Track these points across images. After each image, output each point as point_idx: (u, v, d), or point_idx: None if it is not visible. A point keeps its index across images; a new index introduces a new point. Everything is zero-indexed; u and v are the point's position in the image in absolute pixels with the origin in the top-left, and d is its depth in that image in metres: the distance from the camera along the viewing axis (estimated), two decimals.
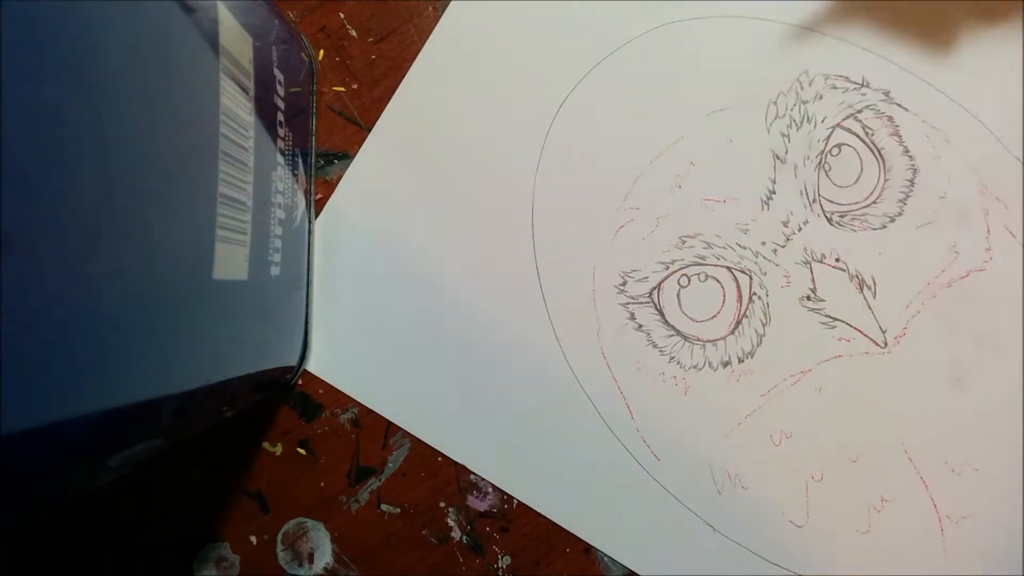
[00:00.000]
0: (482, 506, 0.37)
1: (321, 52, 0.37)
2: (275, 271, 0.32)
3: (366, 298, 0.37)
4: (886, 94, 0.35)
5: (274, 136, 0.31)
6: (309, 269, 0.37)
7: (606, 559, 0.36)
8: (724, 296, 0.36)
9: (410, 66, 0.37)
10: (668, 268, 0.36)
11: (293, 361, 0.36)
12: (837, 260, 0.35)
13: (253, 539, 0.37)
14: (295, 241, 0.34)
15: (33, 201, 0.16)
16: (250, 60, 0.29)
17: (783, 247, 0.35)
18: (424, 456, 0.37)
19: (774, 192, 0.35)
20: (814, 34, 0.35)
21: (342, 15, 0.37)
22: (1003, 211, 0.35)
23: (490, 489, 0.37)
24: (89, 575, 0.37)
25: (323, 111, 0.37)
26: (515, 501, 0.37)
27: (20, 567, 0.37)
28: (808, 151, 0.35)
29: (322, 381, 0.37)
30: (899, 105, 0.35)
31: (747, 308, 0.35)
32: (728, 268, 0.35)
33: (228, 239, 0.26)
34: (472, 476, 0.37)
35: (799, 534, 0.36)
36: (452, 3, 0.37)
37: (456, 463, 0.37)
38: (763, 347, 0.35)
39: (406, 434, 0.37)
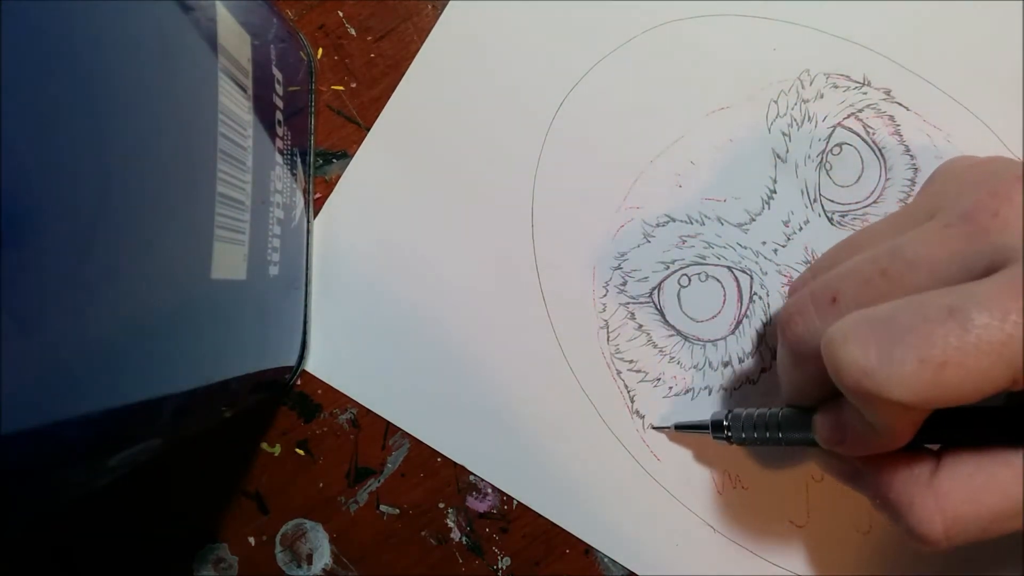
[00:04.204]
0: (481, 507, 0.37)
1: (320, 51, 0.37)
2: (274, 271, 0.31)
3: (365, 298, 0.37)
4: (887, 93, 0.35)
5: (272, 135, 0.31)
6: (308, 269, 0.36)
7: (606, 560, 0.36)
8: (724, 296, 0.35)
9: (409, 65, 0.37)
10: (668, 268, 0.36)
11: (292, 361, 0.35)
12: None
13: (252, 540, 0.37)
14: (294, 241, 0.34)
15: (32, 201, 0.16)
16: (248, 59, 0.29)
17: (784, 247, 0.35)
18: (423, 457, 0.37)
19: (775, 191, 0.35)
20: (815, 32, 0.35)
21: (341, 14, 0.37)
22: None
23: (489, 490, 0.37)
24: (88, 575, 0.37)
25: (322, 110, 0.37)
26: (515, 502, 0.36)
27: (20, 567, 0.37)
28: (809, 150, 0.35)
29: (321, 381, 0.37)
30: (900, 104, 0.35)
31: (748, 308, 0.35)
32: (729, 268, 0.35)
33: (226, 239, 0.26)
34: (471, 477, 0.37)
35: (800, 534, 0.36)
36: (451, 2, 0.37)
37: (455, 464, 0.37)
38: (763, 347, 0.35)
39: (405, 435, 0.37)
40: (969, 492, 0.25)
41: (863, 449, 0.27)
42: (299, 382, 0.37)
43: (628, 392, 0.36)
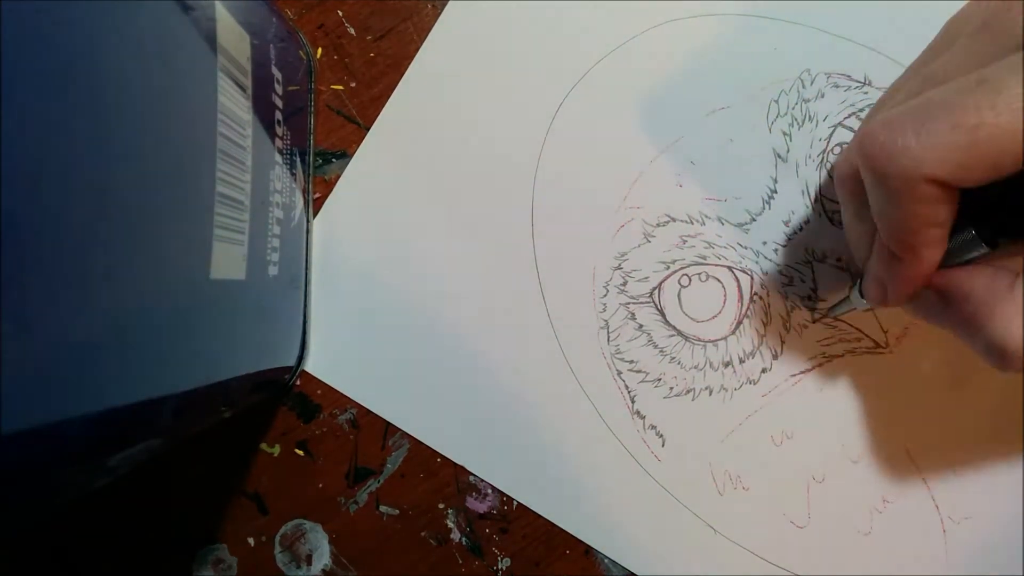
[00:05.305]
0: (481, 507, 0.37)
1: (319, 50, 0.37)
2: (273, 271, 0.31)
3: (364, 298, 0.37)
4: None
5: (272, 135, 0.31)
6: (307, 269, 0.36)
7: (606, 560, 0.36)
8: (725, 296, 0.35)
9: (409, 65, 0.37)
10: (669, 268, 0.36)
11: (291, 361, 0.35)
12: (838, 260, 0.35)
13: (251, 540, 0.37)
14: (293, 240, 0.34)
15: (32, 201, 0.16)
16: (248, 58, 0.29)
17: (784, 247, 0.35)
18: (423, 457, 0.37)
19: (775, 191, 0.35)
20: (816, 32, 0.35)
21: (340, 13, 0.37)
22: None
23: (489, 490, 0.37)
24: (88, 575, 0.37)
25: (321, 110, 0.37)
26: (514, 502, 0.36)
27: (20, 567, 0.37)
28: (810, 150, 0.35)
29: (320, 382, 0.37)
30: None
31: (748, 308, 0.35)
32: (729, 268, 0.35)
33: (226, 239, 0.26)
34: (471, 477, 0.37)
35: (800, 535, 0.36)
36: (451, 2, 0.37)
37: (455, 464, 0.37)
38: (764, 347, 0.35)
39: (405, 435, 0.37)
40: None
41: (908, 264, 0.26)
42: (299, 382, 0.37)
43: (628, 392, 0.36)
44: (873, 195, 0.26)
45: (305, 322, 0.36)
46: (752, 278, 0.35)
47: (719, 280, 0.35)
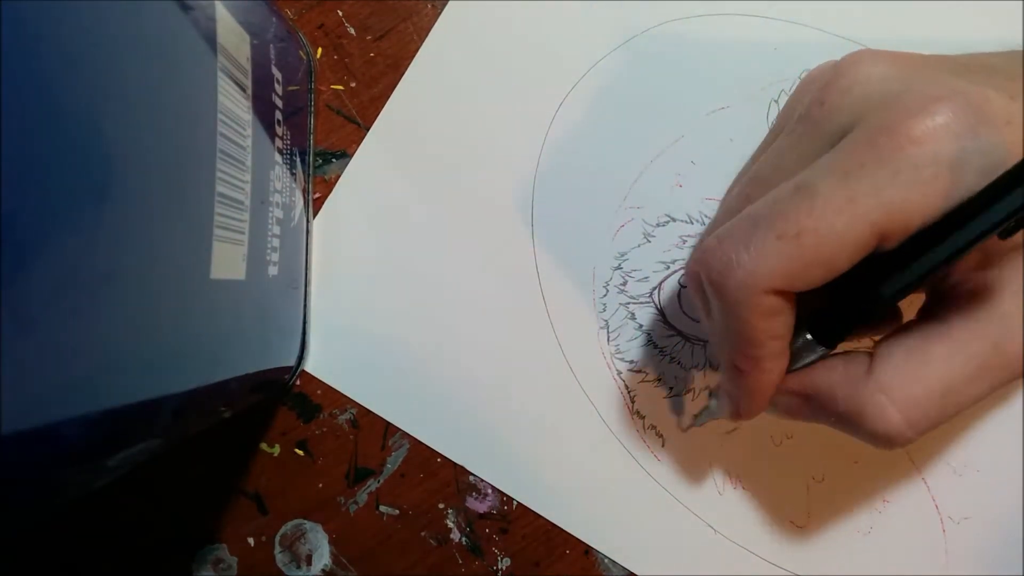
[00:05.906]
0: (481, 507, 0.37)
1: (319, 50, 0.37)
2: (273, 271, 0.31)
3: (364, 298, 0.37)
4: None
5: (272, 135, 0.31)
6: (307, 269, 0.36)
7: (606, 560, 0.36)
8: None
9: (409, 65, 0.37)
10: (669, 268, 0.36)
11: (291, 361, 0.35)
12: None
13: (251, 540, 0.37)
14: (293, 240, 0.34)
15: (31, 200, 0.16)
16: (248, 58, 0.29)
17: None
18: (423, 457, 0.37)
19: None
20: (816, 32, 0.35)
21: (340, 13, 0.37)
22: None
23: (489, 490, 0.37)
24: (88, 575, 0.37)
25: (321, 110, 0.37)
26: (514, 502, 0.36)
27: (20, 567, 0.37)
28: None
29: (320, 381, 0.37)
30: None
31: None
32: None
33: (226, 239, 0.26)
34: (471, 477, 0.37)
35: (800, 535, 0.36)
36: (451, 2, 0.37)
37: (455, 464, 0.37)
38: None
39: (405, 435, 0.37)
40: (911, 373, 0.24)
41: (754, 373, 0.26)
42: (298, 382, 0.37)
43: (628, 392, 0.36)
44: (714, 310, 0.26)
45: (305, 322, 0.36)
46: None
47: None
